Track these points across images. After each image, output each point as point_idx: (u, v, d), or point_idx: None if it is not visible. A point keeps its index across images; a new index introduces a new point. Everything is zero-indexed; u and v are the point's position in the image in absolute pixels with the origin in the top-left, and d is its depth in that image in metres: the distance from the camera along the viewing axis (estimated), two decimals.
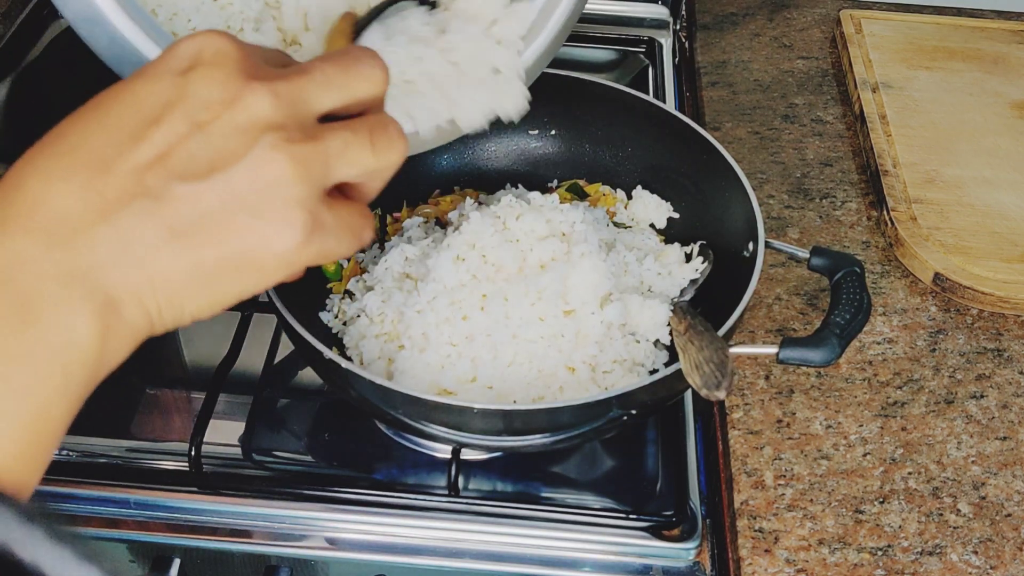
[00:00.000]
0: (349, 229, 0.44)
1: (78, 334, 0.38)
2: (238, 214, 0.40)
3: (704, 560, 0.72)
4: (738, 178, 0.80)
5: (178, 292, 0.40)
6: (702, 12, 1.21)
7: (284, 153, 0.40)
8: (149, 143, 0.39)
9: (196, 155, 0.39)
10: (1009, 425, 0.79)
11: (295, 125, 0.41)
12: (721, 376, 0.65)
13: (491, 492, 0.76)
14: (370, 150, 0.44)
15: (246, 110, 0.40)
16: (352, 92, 0.44)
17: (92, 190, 0.38)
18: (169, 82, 0.40)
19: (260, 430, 0.79)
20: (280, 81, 0.41)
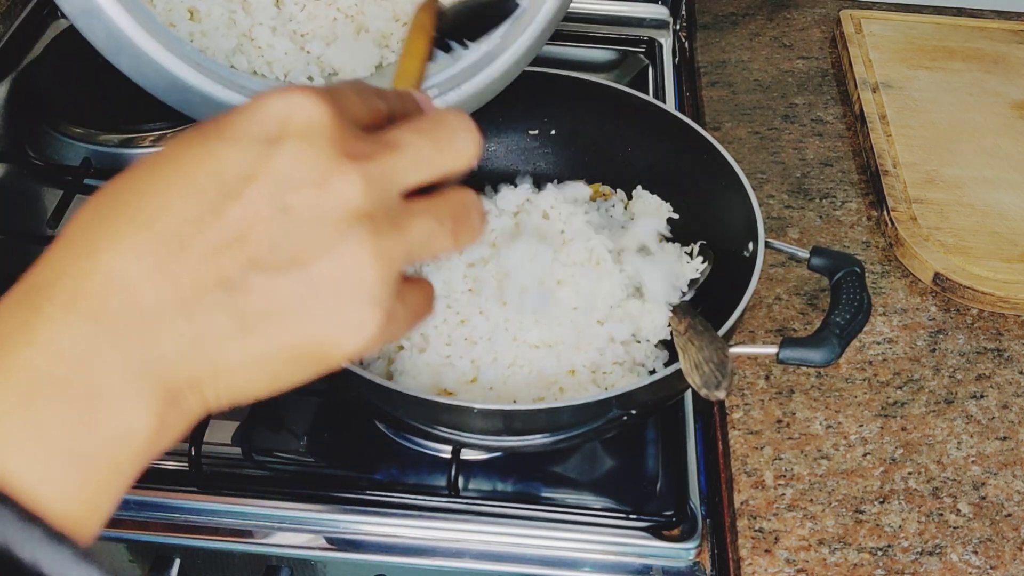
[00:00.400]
0: (416, 315, 0.43)
1: (135, 429, 0.36)
2: (315, 311, 0.38)
3: (704, 560, 0.72)
4: (738, 178, 0.80)
5: (240, 381, 0.38)
6: (702, 12, 1.22)
7: (370, 250, 0.38)
8: (229, 222, 0.36)
9: (278, 243, 0.37)
10: (1009, 425, 0.79)
11: (383, 214, 0.39)
12: (721, 376, 0.65)
13: (491, 492, 0.76)
14: (452, 237, 0.42)
15: (336, 197, 0.37)
16: (443, 170, 0.42)
17: (167, 275, 0.36)
18: (255, 153, 0.37)
19: (260, 430, 0.79)
20: (372, 162, 0.38)
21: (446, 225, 0.41)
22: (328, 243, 0.37)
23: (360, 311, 0.38)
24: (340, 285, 0.38)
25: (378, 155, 0.39)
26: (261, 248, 0.37)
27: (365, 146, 0.39)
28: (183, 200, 0.36)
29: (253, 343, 0.37)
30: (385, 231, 0.38)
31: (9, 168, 0.98)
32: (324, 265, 0.37)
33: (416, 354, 0.71)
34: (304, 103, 0.38)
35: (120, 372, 0.35)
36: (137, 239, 0.36)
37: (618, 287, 0.74)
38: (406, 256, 0.40)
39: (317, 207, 0.37)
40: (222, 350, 0.37)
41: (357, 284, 0.38)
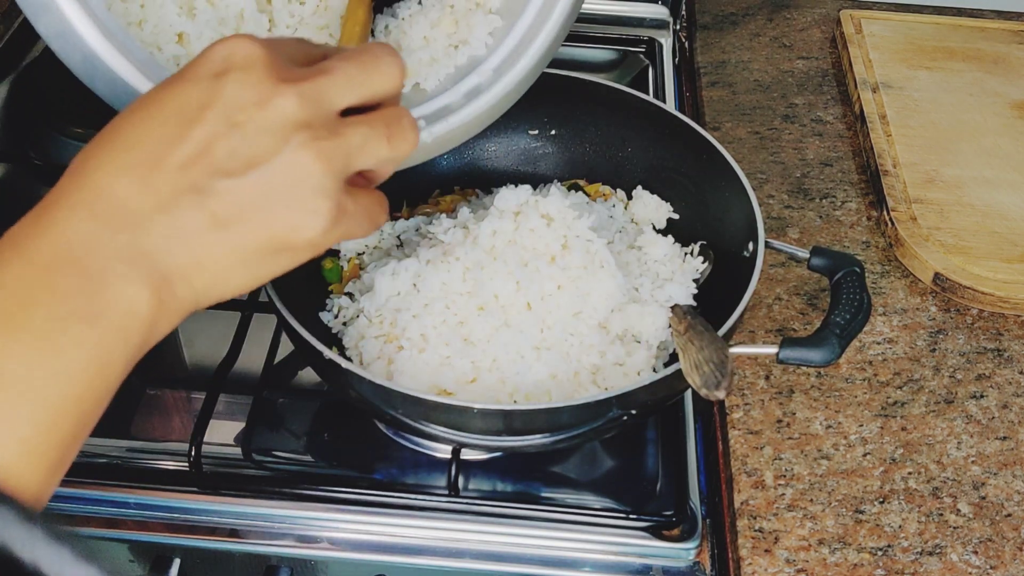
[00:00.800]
0: (367, 214, 0.51)
1: (139, 305, 0.44)
2: (273, 205, 0.46)
3: (704, 560, 0.72)
4: (738, 178, 0.80)
5: (222, 272, 0.46)
6: (702, 12, 1.22)
7: (311, 150, 0.46)
8: (191, 142, 0.45)
9: (234, 153, 0.45)
10: (1009, 425, 0.79)
11: (320, 123, 0.47)
12: (721, 376, 0.65)
13: (491, 492, 0.76)
14: (386, 142, 0.49)
15: (276, 111, 0.46)
16: (371, 89, 0.49)
17: (147, 185, 0.44)
18: (206, 85, 0.46)
19: (260, 430, 0.79)
20: (305, 82, 0.47)
21: (379, 131, 0.49)
22: (274, 148, 0.46)
23: (311, 200, 0.47)
24: (290, 180, 0.46)
25: (310, 78, 0.47)
26: (221, 158, 0.45)
27: (298, 72, 0.47)
28: (155, 128, 0.45)
29: (226, 236, 0.46)
30: (323, 136, 0.47)
31: (9, 168, 0.98)
32: (274, 165, 0.46)
33: (416, 354, 0.71)
34: (242, 43, 0.47)
35: (119, 257, 0.43)
36: (121, 160, 0.45)
37: (618, 290, 0.74)
38: (346, 157, 0.48)
39: (261, 120, 0.45)
40: (201, 243, 0.45)
41: (304, 178, 0.46)
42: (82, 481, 0.73)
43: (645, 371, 0.74)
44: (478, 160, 0.93)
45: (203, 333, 0.85)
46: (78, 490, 0.73)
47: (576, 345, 0.72)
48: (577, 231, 0.76)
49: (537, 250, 0.75)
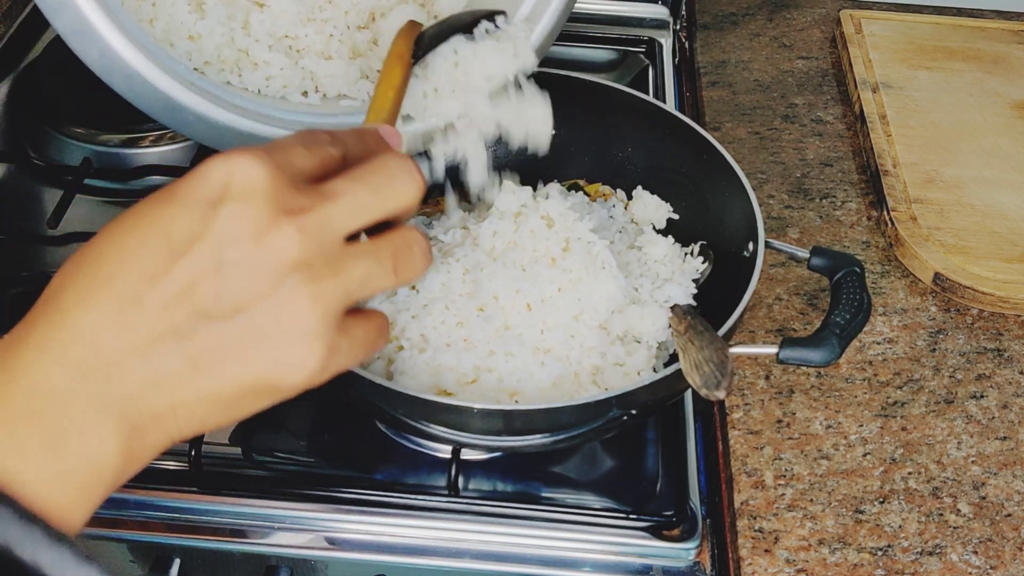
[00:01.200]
0: (362, 346, 0.47)
1: (105, 460, 0.40)
2: (259, 349, 0.42)
3: (704, 560, 0.72)
4: (738, 178, 0.80)
5: (198, 415, 0.43)
6: (702, 12, 1.22)
7: (307, 292, 0.42)
8: (175, 279, 0.41)
9: (221, 295, 0.41)
10: (1009, 425, 0.79)
11: (320, 260, 0.43)
12: (721, 376, 0.65)
13: (491, 492, 0.76)
14: (392, 275, 0.46)
15: (272, 251, 0.42)
16: (383, 213, 0.46)
17: (125, 326, 0.41)
18: (198, 213, 0.42)
19: (260, 430, 0.79)
20: (309, 215, 0.42)
21: (386, 264, 0.45)
22: (264, 291, 0.42)
23: (300, 348, 0.43)
24: (278, 327, 0.42)
25: (315, 207, 0.43)
26: (206, 299, 0.41)
27: (302, 199, 0.43)
28: (138, 259, 0.42)
29: (205, 382, 0.42)
30: (321, 276, 0.43)
31: (9, 168, 0.98)
32: (262, 310, 0.42)
33: (416, 354, 0.71)
34: (243, 165, 0.42)
35: (87, 407, 0.40)
36: (99, 295, 0.41)
37: (619, 291, 0.74)
38: (344, 295, 0.44)
39: (253, 259, 0.41)
40: (178, 389, 0.42)
41: (294, 325, 0.42)
42: None
43: (645, 371, 0.74)
44: None
45: None
46: None
47: (576, 347, 0.72)
48: (578, 233, 0.76)
49: (537, 252, 0.75)
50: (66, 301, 0.42)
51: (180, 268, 0.41)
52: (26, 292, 0.80)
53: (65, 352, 0.40)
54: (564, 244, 0.76)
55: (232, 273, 0.41)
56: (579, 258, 0.75)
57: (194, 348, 0.42)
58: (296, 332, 0.43)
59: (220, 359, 0.42)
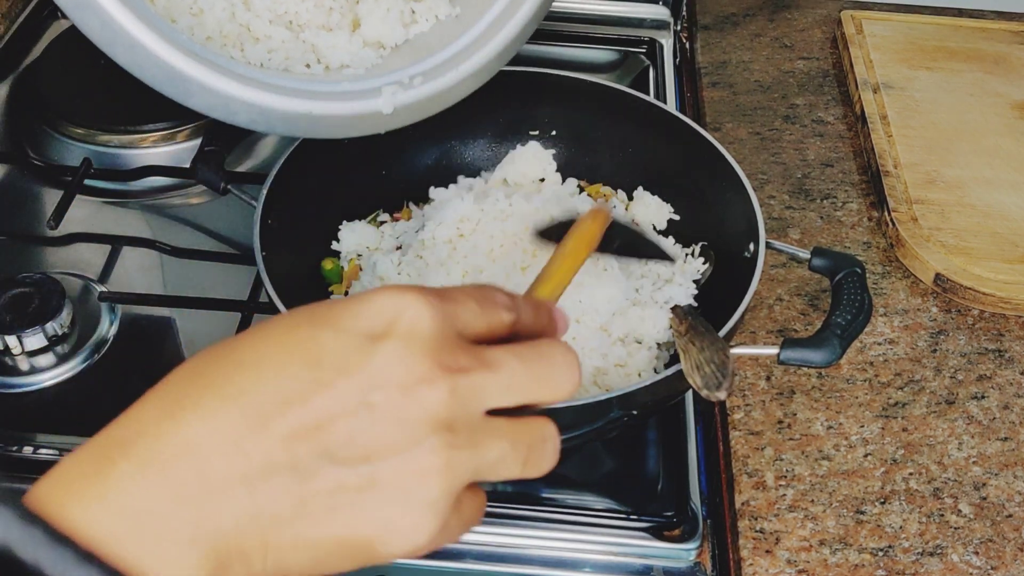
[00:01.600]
0: (466, 527, 0.43)
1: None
2: (373, 508, 0.38)
3: (705, 561, 0.72)
4: (739, 179, 0.80)
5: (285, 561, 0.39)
6: (703, 13, 1.21)
7: (442, 459, 0.39)
8: (313, 410, 0.37)
9: (354, 438, 0.38)
10: (1010, 426, 0.79)
11: (462, 427, 0.39)
12: (722, 377, 0.65)
13: (492, 493, 0.76)
14: (521, 467, 0.43)
15: (420, 404, 0.38)
16: (534, 399, 0.43)
17: (241, 451, 0.37)
18: (356, 347, 0.38)
19: None
20: (463, 376, 0.39)
21: (520, 452, 0.42)
22: (402, 445, 0.38)
23: (417, 517, 0.39)
24: (404, 488, 0.38)
25: (472, 371, 0.40)
26: (337, 440, 0.37)
27: (462, 359, 0.40)
28: (275, 380, 0.38)
29: (307, 528, 0.38)
30: (460, 445, 0.39)
31: (9, 168, 0.98)
32: (393, 465, 0.38)
33: None
34: (415, 306, 0.39)
35: (176, 537, 0.36)
36: (221, 411, 0.37)
37: (621, 294, 0.74)
38: (474, 472, 0.40)
39: (399, 408, 0.38)
40: (277, 530, 0.38)
41: (420, 490, 0.39)
42: None
43: (646, 372, 0.74)
44: (478, 161, 0.93)
45: (203, 333, 0.85)
46: None
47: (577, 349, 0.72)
48: None
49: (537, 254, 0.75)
50: (183, 409, 0.37)
51: (321, 399, 0.37)
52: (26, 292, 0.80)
53: (169, 470, 0.36)
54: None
55: (373, 417, 0.38)
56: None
57: (307, 490, 0.37)
58: (419, 498, 0.39)
59: (331, 507, 0.38)
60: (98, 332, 0.82)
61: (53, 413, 0.78)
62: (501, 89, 0.84)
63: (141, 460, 0.36)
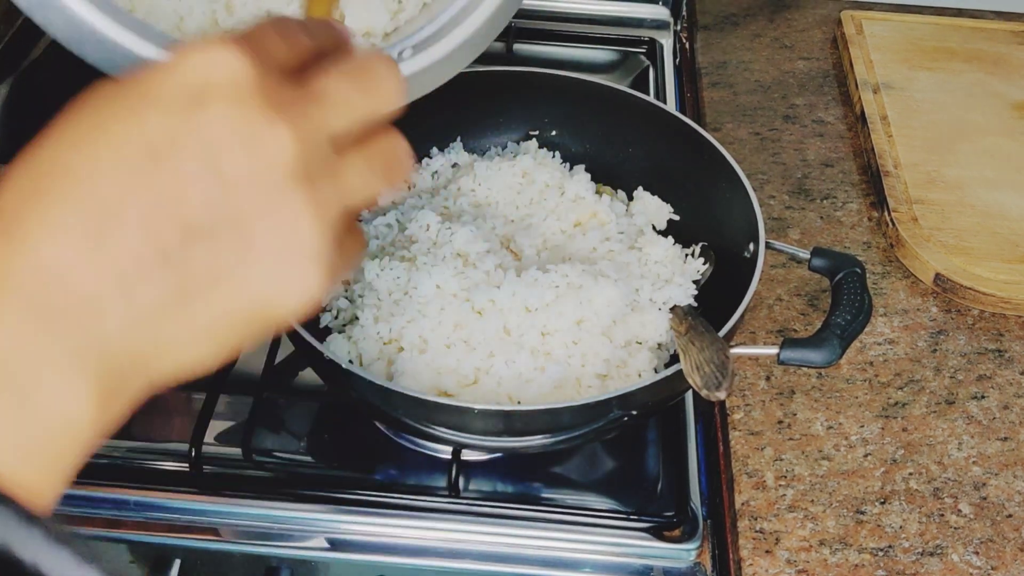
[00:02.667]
0: (350, 262, 0.43)
1: (79, 420, 0.34)
2: (256, 270, 0.37)
3: (705, 561, 0.72)
4: (739, 179, 0.80)
5: (184, 352, 0.37)
6: (703, 13, 1.21)
7: (308, 204, 0.38)
8: (159, 189, 0.35)
9: (215, 208, 0.36)
10: (1010, 426, 0.79)
11: (317, 166, 0.38)
12: (722, 377, 0.65)
13: (492, 493, 0.76)
14: (383, 181, 0.42)
15: (270, 156, 0.37)
16: (368, 114, 0.42)
17: (104, 253, 0.34)
18: (181, 115, 0.36)
19: (260, 430, 0.79)
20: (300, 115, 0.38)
21: (376, 166, 0.42)
22: (267, 203, 0.37)
23: (303, 268, 0.38)
24: (281, 244, 0.37)
25: (305, 105, 0.38)
26: (196, 214, 0.35)
27: (291, 94, 0.38)
28: (115, 176, 0.35)
29: (195, 311, 0.36)
30: (320, 184, 0.38)
31: None
32: (264, 226, 0.37)
33: (416, 355, 0.71)
34: (226, 58, 0.37)
35: (57, 360, 0.34)
36: (69, 220, 0.34)
37: (620, 298, 0.74)
38: (341, 203, 0.40)
39: (252, 168, 0.36)
40: (165, 323, 0.36)
41: (298, 242, 0.38)
42: (82, 481, 0.73)
43: (646, 372, 0.74)
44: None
45: None
46: (78, 490, 0.73)
47: (577, 354, 0.72)
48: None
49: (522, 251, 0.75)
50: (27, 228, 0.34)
51: (167, 180, 0.35)
52: None
53: (29, 296, 0.33)
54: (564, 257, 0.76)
55: (228, 183, 0.36)
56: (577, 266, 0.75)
57: (183, 273, 0.35)
58: (299, 249, 0.38)
59: (212, 283, 0.36)
60: None
61: None
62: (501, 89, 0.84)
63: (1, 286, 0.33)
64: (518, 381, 0.70)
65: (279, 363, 0.83)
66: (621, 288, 0.74)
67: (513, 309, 0.72)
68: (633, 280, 0.78)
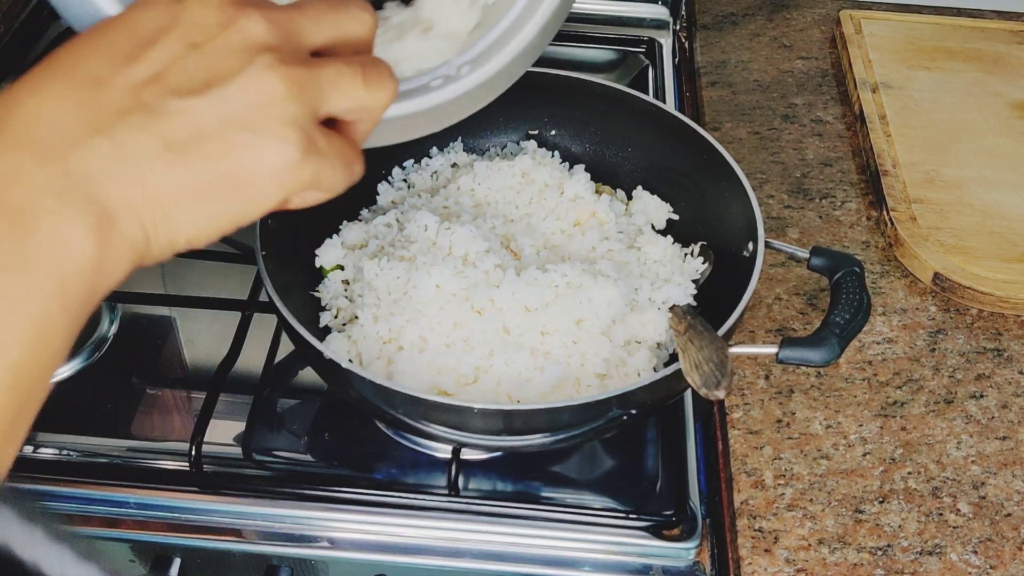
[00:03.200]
0: (342, 157, 0.45)
1: (75, 245, 0.37)
2: (233, 130, 0.41)
3: (704, 560, 0.72)
4: (738, 178, 0.80)
5: (173, 207, 0.40)
6: (702, 12, 1.22)
7: (278, 72, 0.41)
8: (144, 62, 0.40)
9: (192, 72, 0.40)
10: (1009, 425, 0.79)
11: (289, 50, 0.42)
12: (721, 376, 0.65)
13: (491, 492, 0.76)
14: (362, 83, 0.45)
15: (241, 32, 0.41)
16: (342, 30, 0.45)
17: (88, 105, 0.39)
18: (165, 9, 0.41)
19: (260, 430, 0.79)
20: (274, 10, 0.43)
21: (354, 69, 0.44)
22: (238, 67, 0.41)
23: (276, 126, 0.41)
24: (253, 102, 0.41)
25: (282, 10, 0.43)
26: (176, 78, 0.40)
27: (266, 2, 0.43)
28: (101, 52, 0.40)
29: (179, 162, 0.40)
30: (291, 62, 0.42)
31: None
32: (236, 85, 0.41)
33: (416, 354, 0.71)
34: None
35: (49, 191, 0.37)
36: (56, 84, 0.39)
37: (620, 298, 0.74)
38: (317, 89, 0.43)
39: (225, 40, 0.41)
40: (149, 170, 0.39)
41: (269, 102, 0.41)
42: (82, 481, 0.73)
43: (645, 371, 0.74)
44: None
45: (203, 333, 0.85)
46: (78, 490, 0.73)
47: (577, 353, 0.72)
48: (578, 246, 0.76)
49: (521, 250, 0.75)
50: (21, 94, 0.39)
51: (148, 55, 0.40)
52: None
53: (21, 136, 0.38)
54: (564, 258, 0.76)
55: (202, 52, 0.41)
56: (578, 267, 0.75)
57: (164, 125, 0.40)
58: (271, 111, 0.41)
59: (194, 136, 0.40)
60: (98, 331, 0.83)
61: (53, 412, 0.77)
62: None
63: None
64: (517, 380, 0.70)
65: (279, 363, 0.83)
66: (621, 288, 0.74)
67: (512, 309, 0.72)
68: (632, 279, 0.78)
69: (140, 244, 0.40)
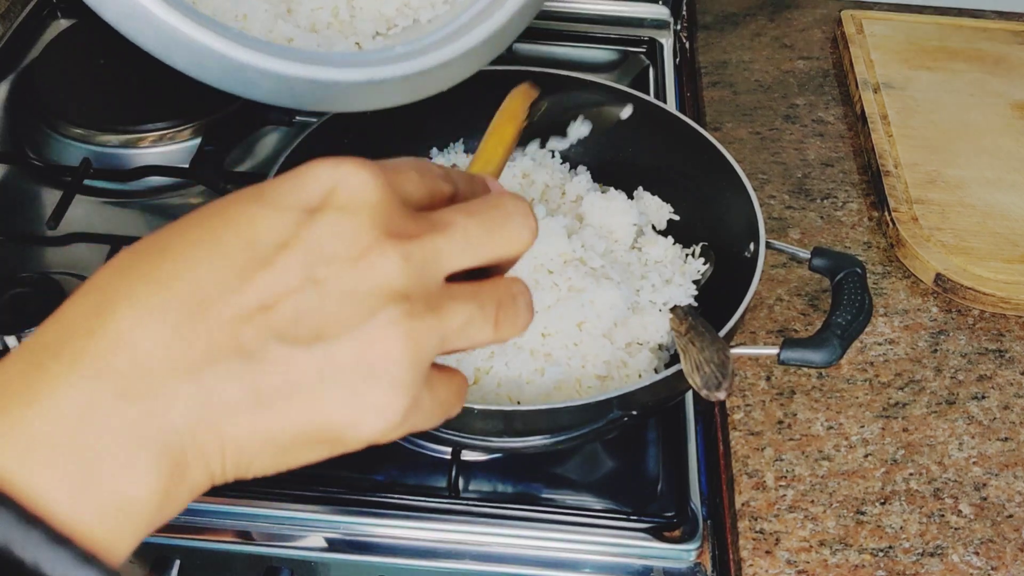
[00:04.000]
0: (443, 408, 0.40)
1: (137, 498, 0.33)
2: (334, 390, 0.35)
3: (705, 561, 0.72)
4: (739, 179, 0.80)
5: (248, 457, 0.36)
6: (703, 12, 1.21)
7: (402, 331, 0.36)
8: (255, 289, 0.34)
9: (304, 316, 0.35)
10: (1011, 426, 0.79)
11: (420, 295, 0.36)
12: (722, 377, 0.65)
13: (491, 493, 0.76)
14: (492, 328, 0.39)
15: (371, 274, 0.35)
16: (492, 255, 0.39)
17: (182, 338, 0.34)
18: (293, 219, 0.35)
19: None
20: (415, 242, 0.36)
21: (488, 312, 0.39)
22: (356, 320, 0.35)
23: (383, 394, 0.36)
24: (364, 365, 0.35)
25: (423, 235, 0.37)
26: (285, 319, 0.35)
27: (411, 225, 0.37)
28: (209, 262, 0.35)
29: (264, 418, 0.35)
30: (420, 314, 0.36)
31: (9, 168, 0.98)
32: (349, 342, 0.35)
33: None
34: (354, 173, 0.36)
35: (122, 437, 0.33)
36: (154, 299, 0.34)
37: (622, 300, 0.74)
38: (440, 342, 0.38)
39: (349, 282, 0.35)
40: (232, 422, 0.35)
41: (383, 365, 0.36)
42: None
43: (646, 372, 0.74)
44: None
45: None
46: None
47: (578, 355, 0.72)
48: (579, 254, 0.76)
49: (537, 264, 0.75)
50: (111, 302, 0.34)
51: (260, 279, 0.34)
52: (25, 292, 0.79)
53: (103, 365, 0.33)
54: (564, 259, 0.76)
55: (321, 293, 0.35)
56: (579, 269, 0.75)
57: (259, 375, 0.34)
58: (382, 374, 0.36)
59: (287, 393, 0.35)
60: None
61: None
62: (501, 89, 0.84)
63: (73, 359, 0.33)
64: (518, 382, 0.70)
65: None
66: (623, 291, 0.74)
67: None
68: (633, 280, 0.78)
69: (204, 486, 0.36)
